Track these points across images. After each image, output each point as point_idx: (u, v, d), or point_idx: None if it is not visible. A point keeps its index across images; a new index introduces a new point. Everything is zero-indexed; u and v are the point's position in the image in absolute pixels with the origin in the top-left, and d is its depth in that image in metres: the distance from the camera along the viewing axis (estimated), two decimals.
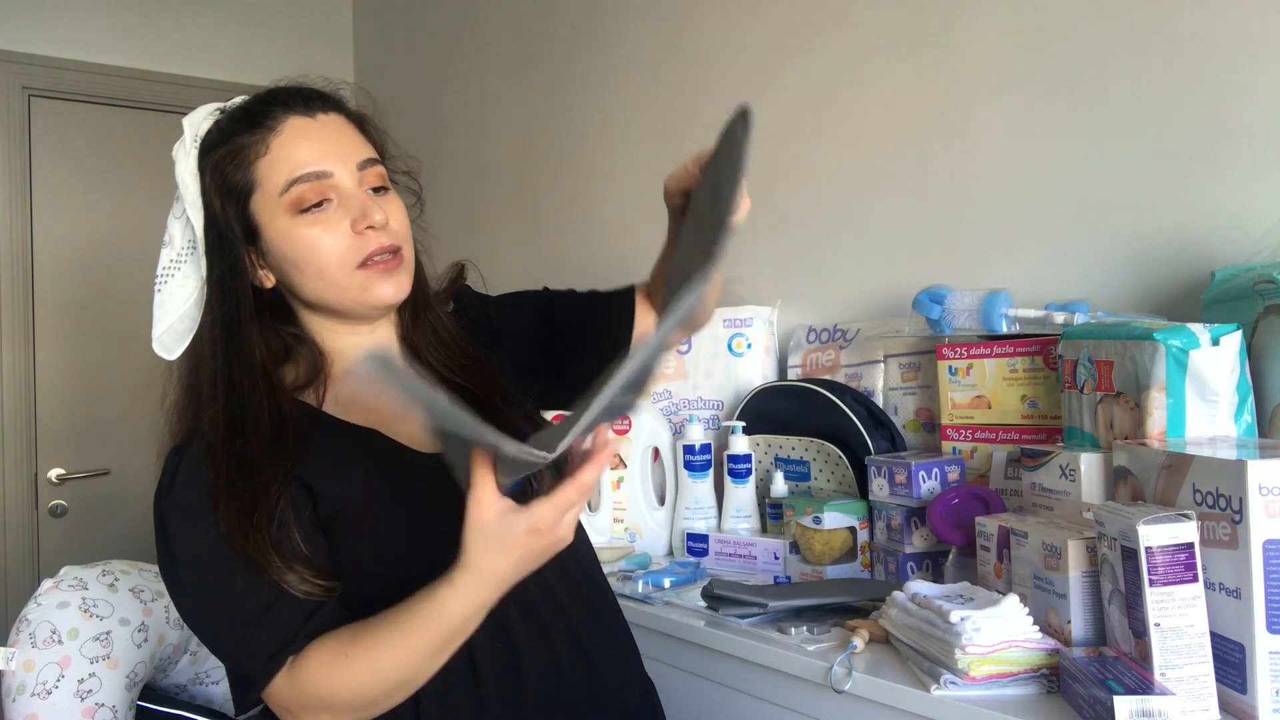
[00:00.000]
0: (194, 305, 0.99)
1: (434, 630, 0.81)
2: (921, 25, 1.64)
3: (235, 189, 0.94)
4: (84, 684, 1.26)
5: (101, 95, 2.75)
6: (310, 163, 0.92)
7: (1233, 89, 1.27)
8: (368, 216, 0.92)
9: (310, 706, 0.84)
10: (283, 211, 0.92)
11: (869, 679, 0.99)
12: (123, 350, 2.76)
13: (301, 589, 0.85)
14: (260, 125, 0.94)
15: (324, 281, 0.93)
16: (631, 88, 2.22)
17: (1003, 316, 1.32)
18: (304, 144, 0.93)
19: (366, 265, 0.93)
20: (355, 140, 0.97)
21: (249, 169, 0.93)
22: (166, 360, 1.01)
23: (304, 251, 0.92)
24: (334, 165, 0.93)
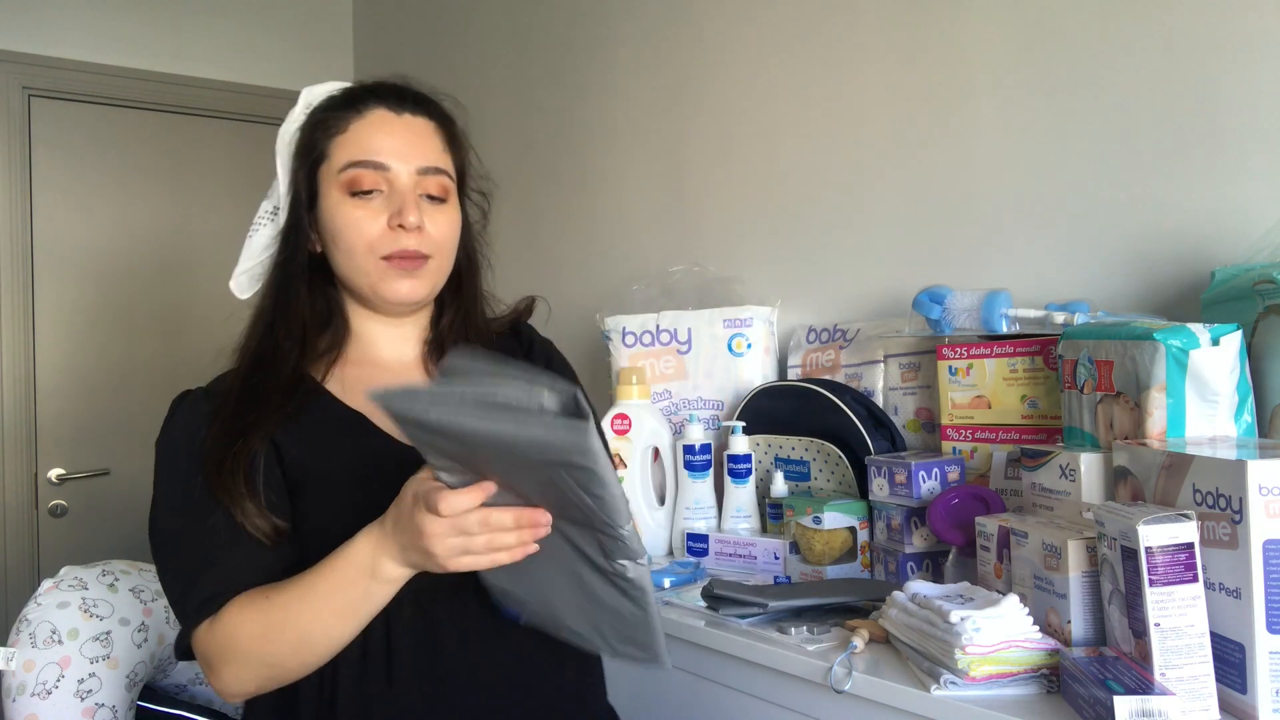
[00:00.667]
0: (270, 255, 1.06)
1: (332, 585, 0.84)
2: (921, 25, 1.64)
3: (310, 154, 1.01)
4: (84, 684, 1.26)
5: (101, 95, 2.75)
6: (375, 152, 0.99)
7: (1232, 89, 1.27)
8: (403, 215, 0.97)
9: (223, 657, 0.87)
10: (337, 187, 0.99)
11: (869, 679, 0.99)
12: (123, 350, 2.76)
13: (256, 521, 0.89)
14: (351, 107, 1.01)
15: (351, 261, 0.99)
16: (632, 88, 2.22)
17: (1003, 316, 1.32)
18: (378, 134, 0.99)
19: (390, 259, 0.98)
20: (430, 147, 1.02)
21: (327, 141, 1.00)
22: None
23: (342, 227, 0.99)
24: (396, 162, 0.99)
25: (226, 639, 0.87)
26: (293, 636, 0.85)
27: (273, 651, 0.86)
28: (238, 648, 0.86)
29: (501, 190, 2.65)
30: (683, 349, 1.83)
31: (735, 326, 1.79)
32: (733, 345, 1.79)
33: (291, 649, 0.86)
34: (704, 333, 1.81)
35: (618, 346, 1.88)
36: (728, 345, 1.79)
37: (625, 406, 1.72)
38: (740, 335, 1.79)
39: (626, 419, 1.71)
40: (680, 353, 1.83)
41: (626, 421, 1.71)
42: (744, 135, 1.96)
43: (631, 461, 1.69)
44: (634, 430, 1.70)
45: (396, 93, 1.03)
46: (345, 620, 0.85)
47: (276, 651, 0.86)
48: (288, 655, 0.86)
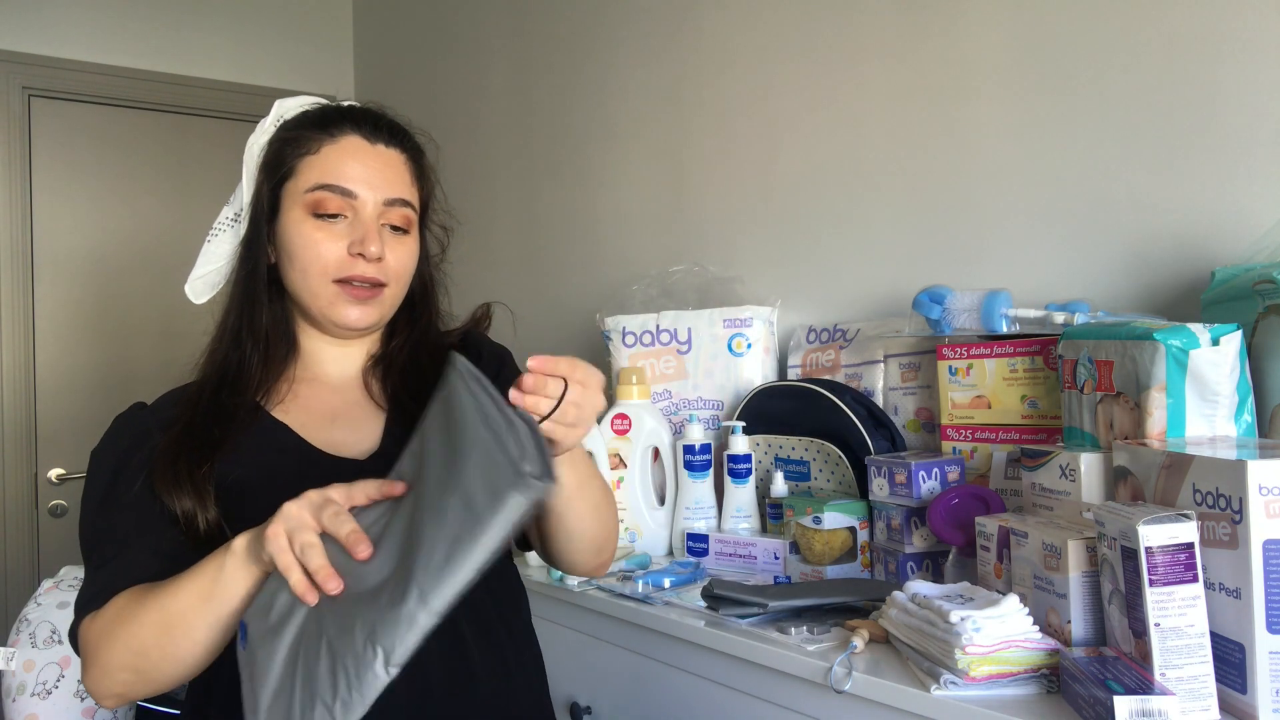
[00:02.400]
0: (228, 262, 1.08)
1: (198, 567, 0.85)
2: (921, 25, 1.64)
3: (278, 169, 1.01)
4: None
5: (101, 95, 2.75)
6: (344, 178, 0.99)
7: (1232, 89, 1.27)
8: (364, 245, 0.98)
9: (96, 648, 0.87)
10: (301, 205, 0.99)
11: (869, 679, 0.99)
12: (122, 350, 2.76)
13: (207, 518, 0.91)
14: (324, 129, 1.01)
15: (304, 281, 1.00)
16: (631, 88, 2.22)
17: (1003, 316, 1.32)
18: (349, 161, 1.00)
19: (343, 284, 0.99)
20: (398, 179, 1.03)
21: (296, 159, 1.01)
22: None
23: (300, 246, 0.99)
24: (363, 190, 1.00)
25: (102, 628, 0.87)
26: (157, 618, 0.84)
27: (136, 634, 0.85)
28: (110, 634, 0.86)
29: (501, 189, 2.65)
30: (683, 349, 1.83)
31: (735, 326, 1.79)
32: (733, 345, 1.79)
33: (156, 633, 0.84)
34: (704, 333, 1.81)
35: (618, 346, 1.88)
36: (728, 345, 1.79)
37: (625, 406, 1.72)
38: (740, 335, 1.79)
39: (626, 419, 1.71)
40: (680, 353, 1.83)
41: (626, 421, 1.71)
42: (744, 135, 1.96)
43: (631, 461, 1.69)
44: (634, 430, 1.70)
45: (372, 121, 1.03)
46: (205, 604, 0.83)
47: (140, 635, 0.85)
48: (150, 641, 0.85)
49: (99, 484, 0.97)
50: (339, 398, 1.04)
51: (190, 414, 0.97)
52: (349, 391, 1.05)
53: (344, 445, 1.00)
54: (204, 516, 0.91)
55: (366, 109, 1.05)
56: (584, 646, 1.42)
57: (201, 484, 0.91)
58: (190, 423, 0.96)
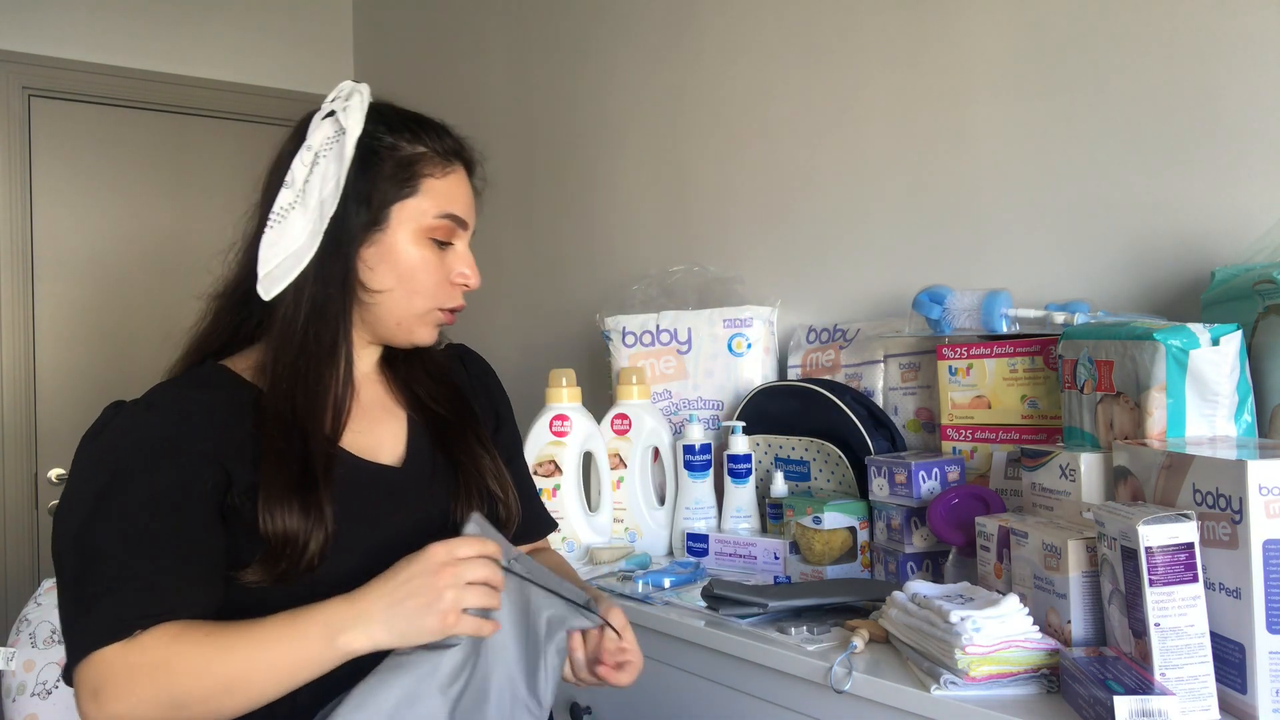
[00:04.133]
0: (295, 257, 0.96)
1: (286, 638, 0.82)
2: (921, 25, 1.64)
3: (395, 183, 0.98)
4: None
5: (101, 95, 2.75)
6: (464, 212, 1.02)
7: (1232, 89, 1.27)
8: (468, 278, 1.02)
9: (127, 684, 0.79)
10: (419, 229, 0.99)
11: (869, 679, 0.99)
12: (122, 350, 2.76)
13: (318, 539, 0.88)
14: (441, 152, 1.02)
15: (409, 301, 1.00)
16: (632, 88, 2.22)
17: (1003, 316, 1.32)
18: (462, 194, 1.03)
19: (445, 312, 1.03)
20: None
21: (418, 179, 0.99)
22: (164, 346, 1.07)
23: (417, 269, 0.99)
24: (471, 221, 1.05)
25: (137, 665, 0.80)
26: (219, 677, 0.80)
27: (183, 686, 0.80)
28: (148, 675, 0.80)
29: (501, 189, 2.65)
30: (683, 349, 1.83)
31: (735, 326, 1.79)
32: (733, 345, 1.79)
33: (211, 691, 0.80)
34: (704, 333, 1.81)
35: (618, 346, 1.88)
36: (728, 345, 1.79)
37: (625, 406, 1.72)
38: (740, 335, 1.79)
39: (626, 419, 1.71)
40: (680, 353, 1.83)
41: (626, 421, 1.71)
42: (744, 135, 1.96)
43: (631, 461, 1.69)
44: (634, 430, 1.70)
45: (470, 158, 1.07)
46: (280, 676, 0.81)
47: (188, 687, 0.80)
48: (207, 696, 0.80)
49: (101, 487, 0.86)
50: (366, 393, 1.05)
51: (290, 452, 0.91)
52: (367, 387, 1.06)
53: (372, 448, 1.01)
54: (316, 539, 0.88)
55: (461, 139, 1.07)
56: None
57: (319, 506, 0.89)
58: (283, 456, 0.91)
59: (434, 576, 0.82)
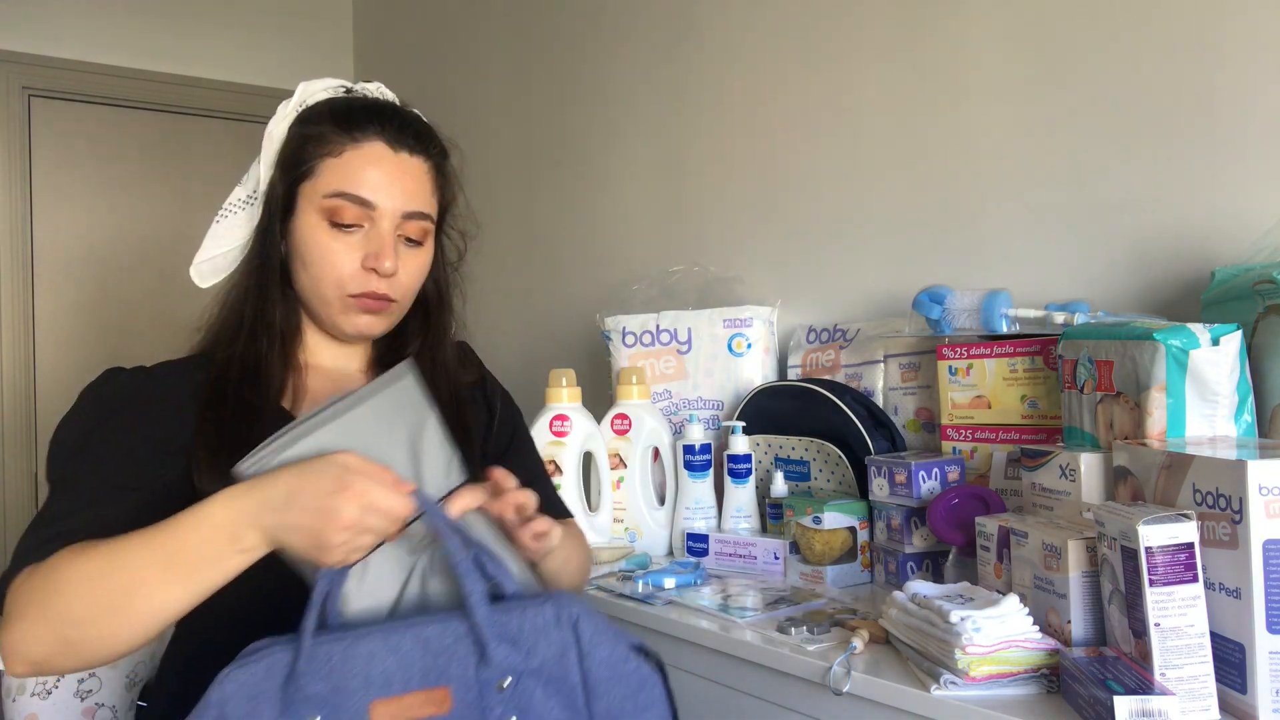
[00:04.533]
0: (239, 248, 1.03)
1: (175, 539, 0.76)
2: (921, 25, 1.64)
3: (296, 166, 0.98)
4: (84, 684, 1.26)
5: (101, 95, 2.75)
6: (364, 188, 0.96)
7: (1232, 89, 1.27)
8: (379, 260, 0.96)
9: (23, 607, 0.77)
10: (317, 210, 0.97)
11: (869, 679, 0.99)
12: (123, 350, 2.76)
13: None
14: (349, 129, 0.97)
15: (316, 288, 0.99)
16: (632, 87, 2.22)
17: (1003, 316, 1.32)
18: (371, 169, 0.97)
19: (356, 297, 0.98)
20: (419, 189, 1.00)
21: (316, 159, 0.97)
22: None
23: (315, 253, 0.97)
24: (383, 201, 0.97)
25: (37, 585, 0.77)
26: (110, 590, 0.75)
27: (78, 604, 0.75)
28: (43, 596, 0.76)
29: (501, 189, 2.64)
30: (683, 349, 1.83)
31: (735, 326, 1.79)
32: (733, 345, 1.79)
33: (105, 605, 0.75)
34: (704, 333, 1.81)
35: (618, 346, 1.88)
36: (728, 345, 1.79)
37: (625, 406, 1.72)
38: (740, 335, 1.79)
39: (626, 419, 1.71)
40: (680, 353, 1.83)
41: (626, 421, 1.71)
42: (744, 135, 1.96)
43: (631, 461, 1.69)
44: (634, 430, 1.70)
45: (397, 124, 0.99)
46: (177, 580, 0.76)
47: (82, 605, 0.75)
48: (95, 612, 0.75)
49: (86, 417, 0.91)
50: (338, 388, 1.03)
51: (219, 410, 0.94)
52: (352, 381, 1.05)
53: None
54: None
55: (392, 108, 1.02)
56: None
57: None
58: (221, 419, 0.93)
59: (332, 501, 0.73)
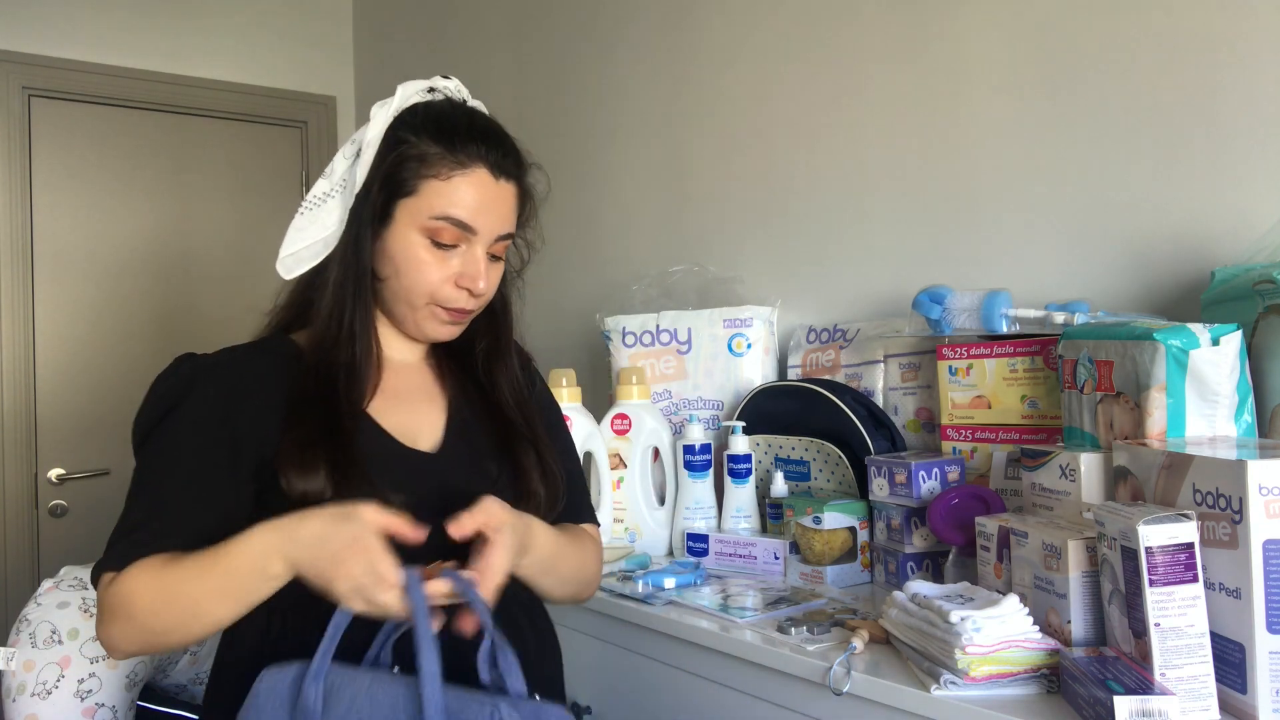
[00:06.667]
0: (323, 241, 1.04)
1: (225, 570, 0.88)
2: (922, 25, 1.64)
3: (398, 182, 1.00)
4: (84, 684, 1.26)
5: (101, 95, 2.75)
6: (468, 216, 1.00)
7: (1232, 89, 1.27)
8: (473, 282, 1.01)
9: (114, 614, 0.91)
10: (418, 229, 1.00)
11: (869, 679, 0.99)
12: (123, 350, 2.76)
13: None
14: (455, 152, 1.00)
15: (406, 297, 1.02)
16: (633, 87, 2.22)
17: (1003, 316, 1.32)
18: (474, 196, 1.00)
19: (441, 307, 1.02)
20: (509, 214, 1.05)
21: (419, 179, 1.00)
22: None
23: (411, 266, 1.00)
24: (483, 228, 1.01)
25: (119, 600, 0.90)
26: (180, 609, 0.89)
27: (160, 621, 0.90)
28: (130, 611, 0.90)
29: None
30: (683, 349, 1.83)
31: (735, 326, 1.79)
32: (733, 345, 1.79)
33: (178, 621, 0.90)
34: (704, 333, 1.81)
35: (618, 346, 1.88)
36: (728, 345, 1.79)
37: (625, 406, 1.72)
38: (740, 335, 1.78)
39: (626, 419, 1.71)
40: (680, 353, 1.83)
41: (626, 421, 1.71)
42: (744, 135, 1.96)
43: (631, 461, 1.69)
44: (634, 430, 1.70)
45: (501, 152, 1.03)
46: (231, 603, 0.90)
47: (163, 622, 0.90)
48: (174, 626, 0.90)
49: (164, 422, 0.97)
50: (407, 381, 1.07)
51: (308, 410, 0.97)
52: (416, 375, 1.09)
53: (410, 432, 1.03)
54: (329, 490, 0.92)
55: (494, 132, 1.05)
56: (584, 646, 1.42)
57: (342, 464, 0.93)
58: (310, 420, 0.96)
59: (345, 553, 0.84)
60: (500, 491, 0.98)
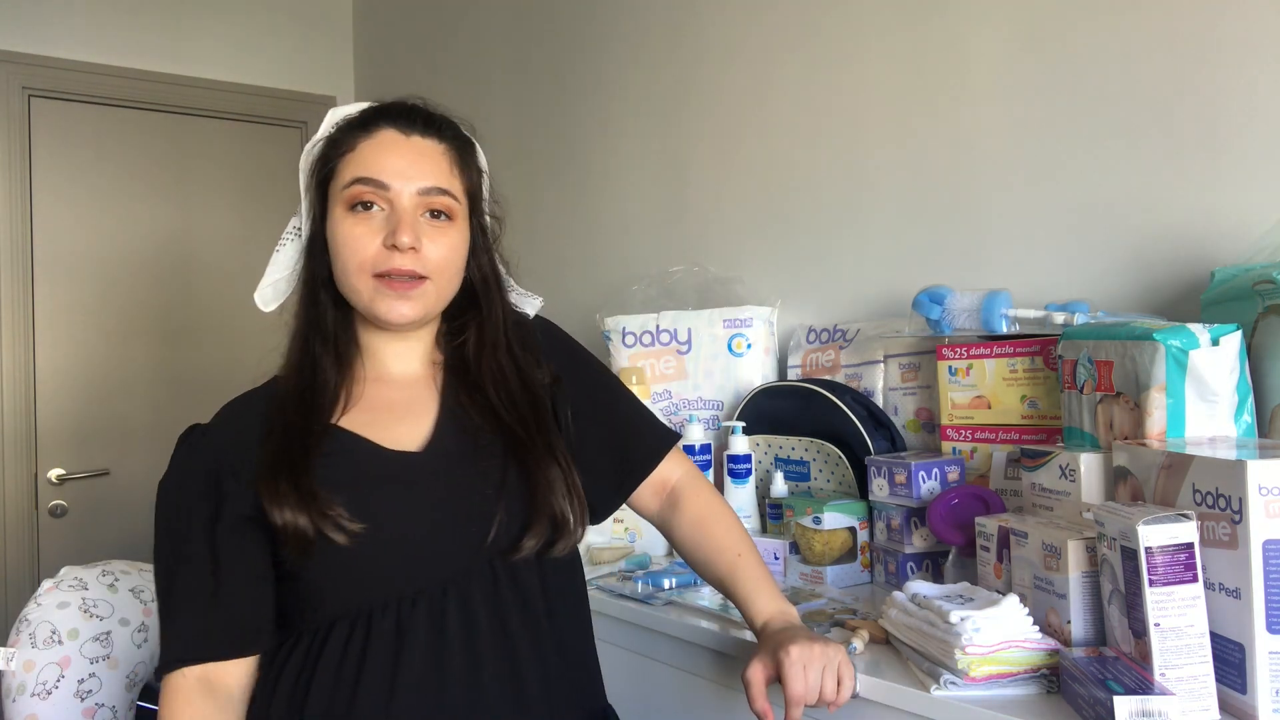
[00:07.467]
0: (295, 270, 1.08)
1: None
2: (922, 25, 1.64)
3: (322, 171, 1.03)
4: (84, 684, 1.26)
5: (101, 95, 2.75)
6: (378, 171, 0.99)
7: (1233, 90, 1.27)
8: (396, 235, 0.97)
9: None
10: (341, 203, 1.00)
11: (869, 679, 0.99)
12: (122, 350, 2.76)
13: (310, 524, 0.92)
14: (362, 128, 1.02)
15: (347, 279, 1.01)
16: (631, 88, 2.22)
17: (1003, 316, 1.32)
18: (383, 154, 1.00)
19: (382, 278, 0.99)
20: (435, 168, 1.02)
21: (337, 159, 1.02)
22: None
23: (340, 242, 1.00)
24: (396, 181, 0.99)
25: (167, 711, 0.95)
26: None
27: None
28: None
29: (501, 190, 2.63)
30: (683, 349, 1.83)
31: (735, 326, 1.79)
32: (733, 345, 1.79)
33: None
34: (704, 333, 1.81)
35: (618, 346, 1.88)
36: (728, 345, 1.79)
37: None
38: (740, 335, 1.78)
39: None
40: (680, 353, 1.83)
41: None
42: (744, 135, 1.96)
43: None
44: None
45: (407, 114, 1.04)
46: None
47: None
48: None
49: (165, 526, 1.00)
50: (403, 394, 1.05)
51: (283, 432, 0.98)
52: (414, 388, 1.06)
53: (401, 438, 1.01)
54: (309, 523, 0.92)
55: (404, 102, 1.06)
56: None
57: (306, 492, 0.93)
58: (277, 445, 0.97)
59: None
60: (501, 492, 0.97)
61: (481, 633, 0.94)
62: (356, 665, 0.92)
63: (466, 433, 1.02)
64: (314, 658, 0.94)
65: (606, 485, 1.10)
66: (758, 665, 0.94)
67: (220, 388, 1.28)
